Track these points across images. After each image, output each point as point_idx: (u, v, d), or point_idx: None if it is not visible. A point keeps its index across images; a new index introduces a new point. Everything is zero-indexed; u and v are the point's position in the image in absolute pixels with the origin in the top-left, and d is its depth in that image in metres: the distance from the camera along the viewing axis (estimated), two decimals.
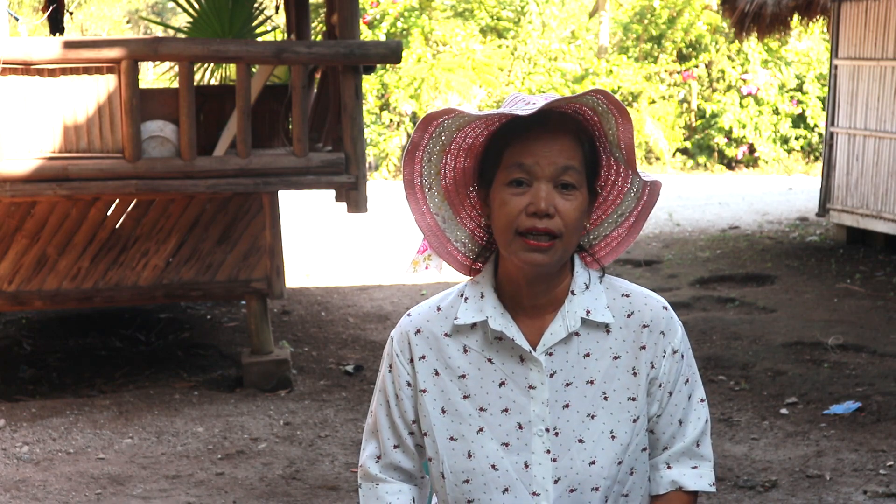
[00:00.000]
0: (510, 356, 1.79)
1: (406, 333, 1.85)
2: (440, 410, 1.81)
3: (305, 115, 5.79)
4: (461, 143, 1.77)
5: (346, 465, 4.84)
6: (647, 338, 1.80)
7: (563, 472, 1.77)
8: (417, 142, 1.75)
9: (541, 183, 1.70)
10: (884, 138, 9.39)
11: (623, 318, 1.81)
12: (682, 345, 1.83)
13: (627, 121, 1.69)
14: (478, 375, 1.80)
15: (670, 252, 9.94)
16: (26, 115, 5.44)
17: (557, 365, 1.78)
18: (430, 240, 1.84)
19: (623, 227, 1.84)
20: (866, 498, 4.37)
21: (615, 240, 1.85)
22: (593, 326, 1.79)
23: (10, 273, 5.82)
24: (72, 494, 4.50)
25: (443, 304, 1.85)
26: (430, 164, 1.78)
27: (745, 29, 10.82)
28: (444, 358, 1.82)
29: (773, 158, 17.93)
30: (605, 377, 1.79)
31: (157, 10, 27.32)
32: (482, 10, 19.00)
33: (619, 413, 1.79)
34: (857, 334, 6.80)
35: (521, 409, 1.78)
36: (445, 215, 1.83)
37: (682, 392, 1.83)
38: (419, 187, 1.79)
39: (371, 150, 17.28)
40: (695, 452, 1.84)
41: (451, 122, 1.73)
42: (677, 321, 1.84)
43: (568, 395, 1.78)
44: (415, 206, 1.81)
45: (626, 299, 1.82)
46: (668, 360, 1.81)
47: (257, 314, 6.05)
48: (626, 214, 1.83)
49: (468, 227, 1.85)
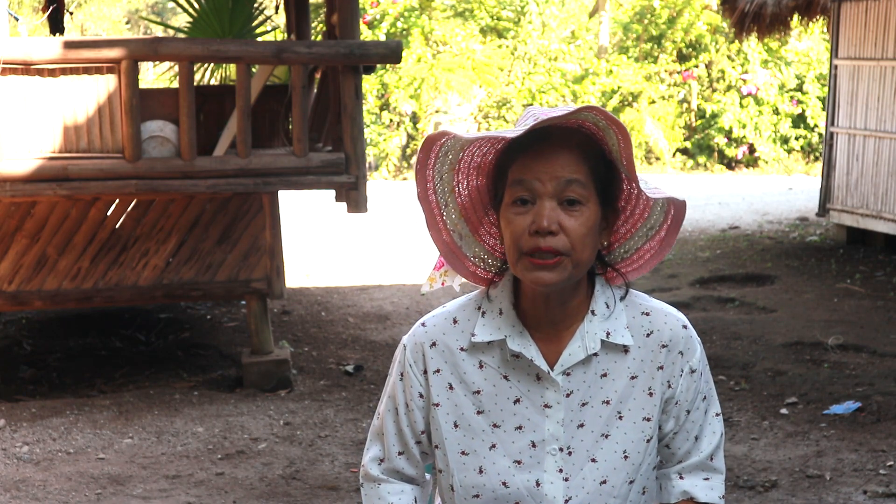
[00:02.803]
0: (526, 374, 1.77)
1: (421, 345, 1.82)
2: (453, 425, 1.80)
3: (305, 115, 5.79)
4: (469, 161, 1.74)
5: (346, 465, 4.84)
6: (665, 358, 1.79)
7: (574, 491, 1.76)
8: (423, 161, 1.73)
9: (543, 200, 1.66)
10: (884, 138, 9.39)
11: (642, 338, 1.78)
12: (701, 363, 1.82)
13: (625, 134, 1.66)
14: (493, 392, 1.78)
15: (670, 252, 9.92)
16: (26, 115, 5.44)
17: (574, 385, 1.76)
18: (446, 256, 1.81)
19: (654, 240, 1.81)
20: (866, 498, 4.37)
21: (647, 252, 1.82)
22: (612, 347, 1.77)
23: (10, 273, 5.82)
24: (72, 494, 4.50)
25: (459, 316, 1.82)
26: (441, 181, 1.76)
27: (745, 29, 10.82)
28: (459, 373, 1.80)
29: (773, 158, 17.93)
30: (621, 397, 1.78)
31: (157, 10, 27.32)
32: (482, 10, 19.00)
33: (632, 433, 1.78)
34: (857, 334, 6.80)
35: (536, 428, 1.76)
36: (462, 232, 1.80)
37: (699, 409, 1.82)
38: (434, 204, 1.77)
39: (371, 150, 17.28)
40: (708, 465, 1.84)
41: (453, 142, 1.71)
42: (696, 339, 1.82)
43: (583, 414, 1.77)
44: (431, 223, 1.78)
45: (645, 318, 1.80)
46: (685, 379, 1.80)
47: (257, 314, 6.05)
48: (656, 228, 1.80)
49: (487, 244, 1.83)
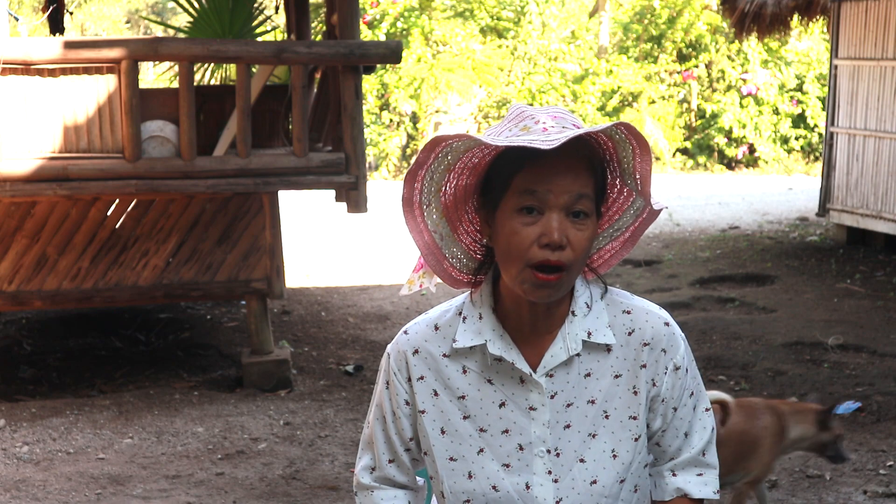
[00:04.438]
0: (510, 377, 1.76)
1: (403, 353, 1.81)
2: (439, 431, 1.80)
3: (305, 115, 5.79)
4: (467, 162, 1.72)
5: (346, 465, 4.84)
6: (648, 356, 1.78)
7: (564, 492, 1.76)
8: (423, 161, 1.69)
9: (553, 212, 1.64)
10: (884, 138, 9.39)
11: (624, 336, 1.78)
12: (685, 360, 1.81)
13: (647, 153, 1.64)
14: (477, 396, 1.78)
15: (670, 252, 9.94)
16: (26, 115, 5.44)
17: (558, 386, 1.76)
18: (426, 257, 1.79)
19: (618, 241, 1.82)
20: (866, 498, 4.38)
21: (608, 252, 1.82)
22: (594, 347, 1.77)
23: (10, 273, 5.82)
24: (72, 494, 4.50)
25: (440, 322, 1.82)
26: (431, 181, 1.73)
27: (745, 29, 10.82)
28: (444, 379, 1.80)
29: (773, 158, 17.93)
30: (606, 396, 1.77)
31: (157, 10, 27.33)
32: (482, 10, 19.00)
33: (620, 432, 1.77)
34: (857, 334, 6.80)
35: (522, 431, 1.76)
36: (443, 232, 1.79)
37: (686, 406, 1.82)
38: (417, 205, 1.74)
39: (371, 150, 17.28)
40: (700, 461, 1.84)
41: (460, 144, 1.68)
42: (679, 336, 1.81)
43: (569, 415, 1.76)
44: (412, 225, 1.76)
45: (626, 316, 1.79)
46: (670, 376, 1.79)
47: (257, 314, 6.05)
48: (623, 229, 1.81)
49: (464, 243, 1.81)
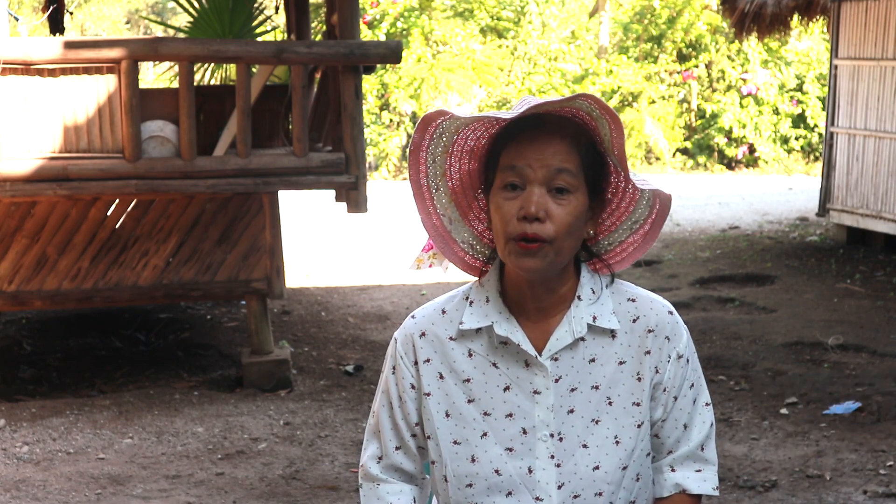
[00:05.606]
0: (515, 361, 1.78)
1: (410, 336, 1.84)
2: (444, 414, 1.81)
3: (305, 115, 5.79)
4: (462, 145, 1.76)
5: (346, 465, 4.84)
6: (652, 343, 1.80)
7: (566, 477, 1.77)
8: (418, 142, 1.75)
9: (533, 186, 1.69)
10: (884, 138, 9.39)
11: (628, 323, 1.80)
12: (688, 349, 1.83)
13: (618, 125, 1.68)
14: (482, 380, 1.79)
15: (670, 252, 9.94)
16: (26, 115, 5.44)
17: (563, 370, 1.77)
18: (435, 240, 1.82)
19: (638, 234, 1.83)
20: (866, 498, 4.38)
21: (631, 246, 1.84)
22: (599, 332, 1.79)
23: (10, 273, 5.82)
24: (72, 494, 4.50)
25: (447, 306, 1.84)
26: (434, 164, 1.77)
27: (745, 29, 10.82)
28: (449, 362, 1.81)
29: (773, 158, 17.93)
30: (610, 382, 1.79)
31: (157, 10, 27.33)
32: (482, 10, 19.00)
33: (623, 418, 1.79)
34: (857, 334, 6.80)
35: (526, 415, 1.77)
36: (452, 216, 1.82)
37: (687, 396, 1.83)
38: (426, 187, 1.79)
39: (371, 150, 17.28)
40: (699, 456, 1.85)
41: (448, 124, 1.73)
42: (682, 326, 1.84)
43: (573, 400, 1.77)
44: (421, 206, 1.80)
45: (631, 304, 1.82)
46: (672, 364, 1.81)
47: (257, 314, 6.05)
48: (641, 222, 1.82)
49: (476, 230, 1.84)
